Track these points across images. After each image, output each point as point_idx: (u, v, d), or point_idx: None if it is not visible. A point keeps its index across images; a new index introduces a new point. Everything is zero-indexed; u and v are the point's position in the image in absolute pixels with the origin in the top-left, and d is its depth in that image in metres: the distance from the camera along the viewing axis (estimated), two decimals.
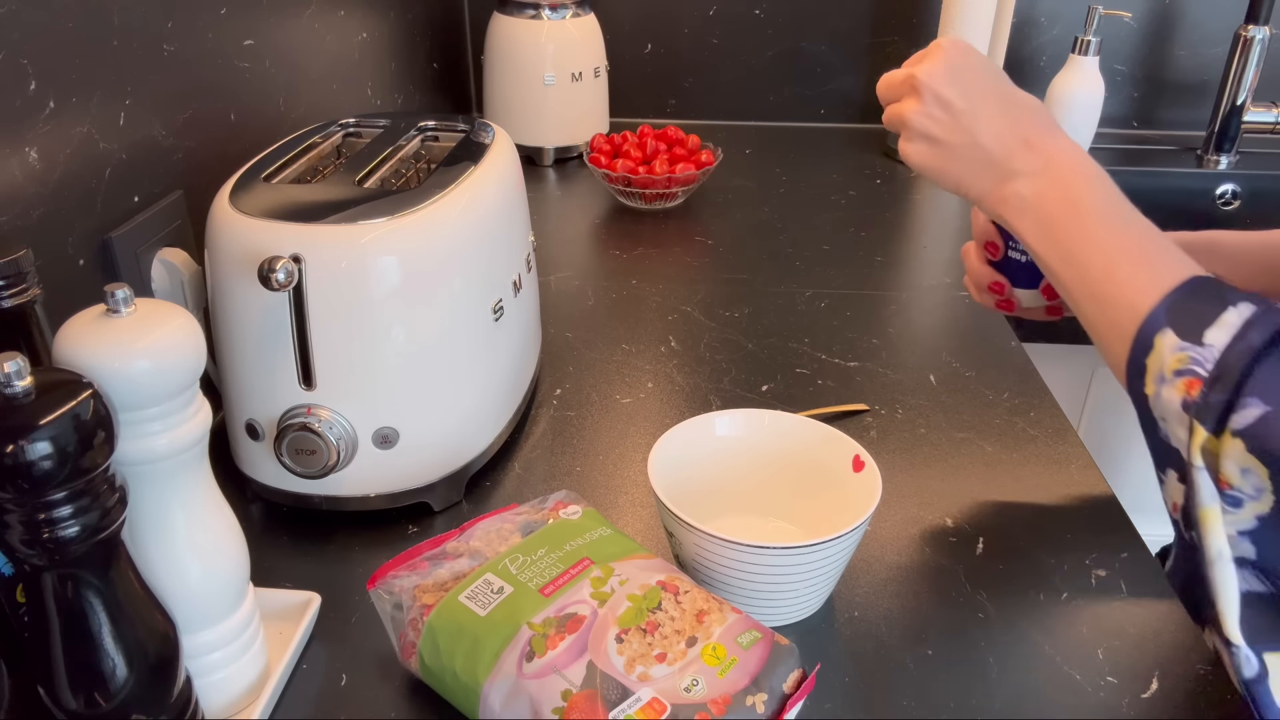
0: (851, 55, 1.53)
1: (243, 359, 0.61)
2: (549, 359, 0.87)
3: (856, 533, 0.54)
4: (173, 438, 0.44)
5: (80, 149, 0.62)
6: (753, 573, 0.54)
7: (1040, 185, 0.59)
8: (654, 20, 1.52)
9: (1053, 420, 0.77)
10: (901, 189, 1.31)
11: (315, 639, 0.57)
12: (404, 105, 1.25)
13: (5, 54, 0.55)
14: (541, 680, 0.46)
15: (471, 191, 0.65)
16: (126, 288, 0.42)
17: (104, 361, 0.41)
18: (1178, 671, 0.55)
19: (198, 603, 0.48)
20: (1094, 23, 1.33)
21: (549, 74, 1.32)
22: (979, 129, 0.60)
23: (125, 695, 0.42)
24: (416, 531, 0.65)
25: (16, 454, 0.35)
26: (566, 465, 0.73)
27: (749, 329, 0.92)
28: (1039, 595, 0.60)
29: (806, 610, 0.58)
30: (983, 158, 0.60)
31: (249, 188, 0.63)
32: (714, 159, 1.21)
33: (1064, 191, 0.58)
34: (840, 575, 0.59)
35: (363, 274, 0.59)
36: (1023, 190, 0.59)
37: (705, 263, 1.07)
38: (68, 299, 0.58)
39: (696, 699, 0.45)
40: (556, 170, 1.37)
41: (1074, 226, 0.57)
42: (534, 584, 0.50)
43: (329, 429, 0.60)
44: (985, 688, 0.54)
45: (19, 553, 0.38)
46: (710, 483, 0.63)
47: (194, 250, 0.73)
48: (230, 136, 0.81)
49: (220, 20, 0.79)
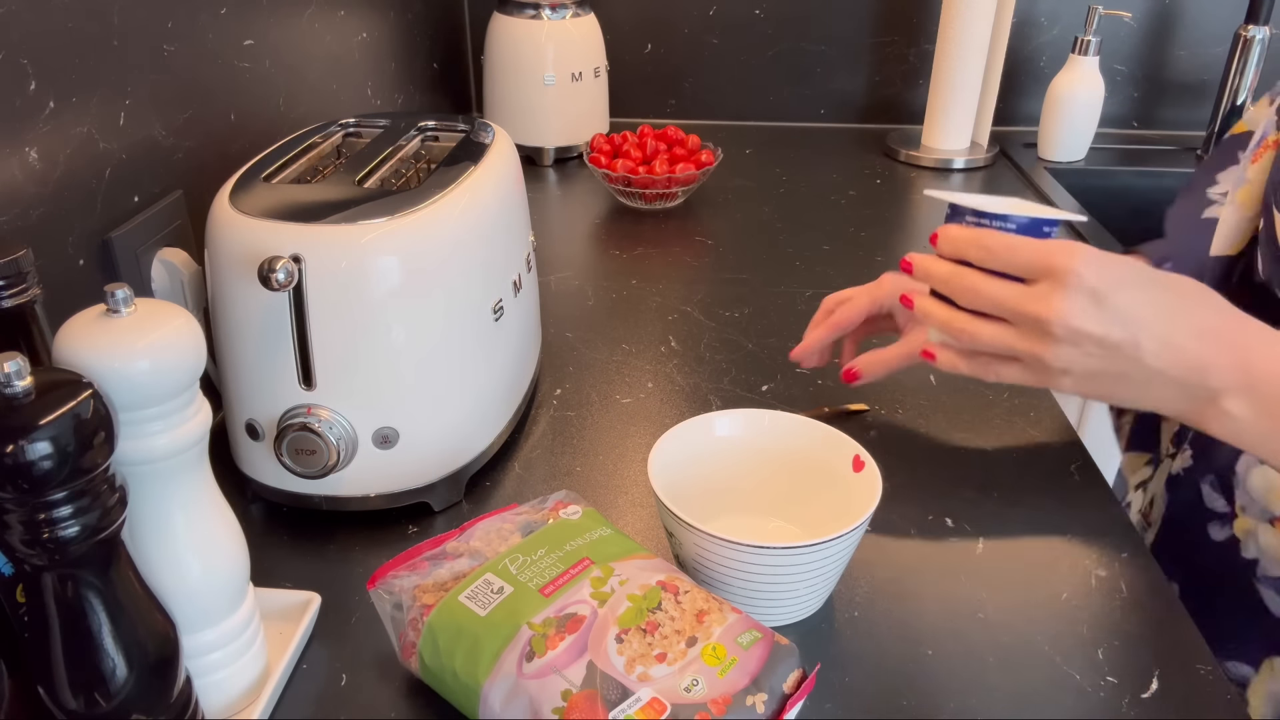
0: (851, 55, 1.53)
1: (243, 359, 0.61)
2: (549, 359, 0.87)
3: (856, 533, 0.54)
4: (173, 438, 0.44)
5: (80, 149, 0.62)
6: (752, 573, 0.54)
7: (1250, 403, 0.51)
8: (654, 20, 1.52)
9: (1053, 420, 0.77)
10: (901, 189, 1.31)
11: (315, 639, 0.57)
12: (404, 105, 1.25)
13: (5, 54, 0.55)
14: (541, 680, 0.46)
15: (471, 191, 0.65)
16: (126, 288, 0.42)
17: (104, 361, 0.41)
18: (1178, 671, 0.55)
19: (198, 603, 0.48)
20: (1094, 23, 1.33)
21: (549, 74, 1.32)
22: (1150, 355, 0.51)
23: (125, 695, 0.42)
24: (416, 531, 0.65)
25: (16, 454, 0.35)
26: (566, 465, 0.73)
27: (749, 329, 0.92)
28: (1039, 595, 0.60)
29: (806, 610, 0.58)
30: (1166, 383, 0.52)
31: (249, 188, 0.63)
32: (714, 159, 1.21)
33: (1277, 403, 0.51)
34: (840, 575, 0.59)
35: (363, 274, 0.59)
36: (1232, 410, 0.51)
37: (705, 263, 1.07)
38: (68, 299, 0.58)
39: (696, 699, 0.45)
40: (556, 170, 1.37)
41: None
42: (534, 584, 0.50)
43: (329, 429, 0.60)
44: (985, 688, 0.54)
45: (19, 553, 0.38)
46: (710, 483, 0.63)
47: (194, 250, 0.73)
48: (230, 136, 0.81)
49: (220, 20, 0.79)
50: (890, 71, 1.54)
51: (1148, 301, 0.51)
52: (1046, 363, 0.52)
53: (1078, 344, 0.51)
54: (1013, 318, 0.52)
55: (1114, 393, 0.53)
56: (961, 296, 0.54)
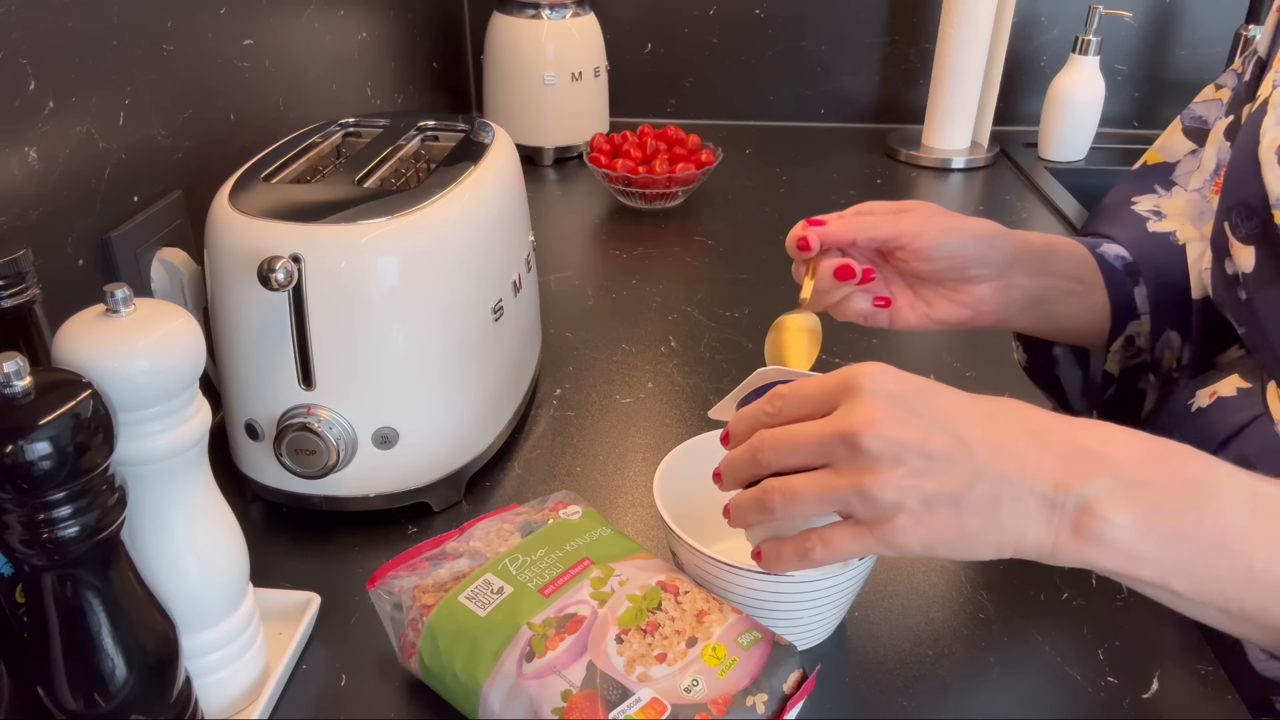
0: (851, 55, 1.53)
1: (242, 359, 0.61)
2: (549, 359, 0.87)
3: (863, 566, 0.53)
4: (172, 438, 0.44)
5: (80, 149, 0.62)
6: (751, 598, 0.52)
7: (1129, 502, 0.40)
8: (654, 20, 1.52)
9: None
10: (901, 189, 1.31)
11: (315, 639, 0.57)
12: (404, 105, 1.25)
13: (5, 54, 0.55)
14: (541, 681, 0.46)
15: (471, 191, 0.65)
16: (126, 288, 0.42)
17: (103, 361, 0.41)
18: (1178, 671, 0.55)
19: (197, 603, 0.48)
20: (1094, 22, 1.33)
21: (549, 74, 1.32)
22: (984, 459, 0.41)
23: (125, 695, 0.42)
24: (416, 531, 0.65)
25: (16, 454, 0.35)
26: (566, 465, 0.72)
27: (749, 329, 0.92)
28: (1039, 595, 0.60)
29: (814, 639, 0.56)
30: (1017, 497, 0.41)
31: (249, 187, 0.62)
32: (714, 159, 1.21)
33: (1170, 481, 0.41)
34: (849, 607, 0.57)
35: (362, 274, 0.59)
36: (1110, 515, 0.40)
37: (705, 263, 1.07)
38: (67, 299, 0.58)
39: (696, 699, 0.45)
40: (556, 170, 1.37)
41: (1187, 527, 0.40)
42: (534, 584, 0.50)
43: (329, 429, 0.60)
44: (985, 688, 0.54)
45: (18, 553, 0.38)
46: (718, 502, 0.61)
47: (194, 250, 0.73)
48: (230, 136, 0.81)
49: (220, 20, 0.79)
50: (890, 71, 1.54)
51: (958, 404, 0.43)
52: (874, 496, 0.41)
53: (899, 459, 0.41)
54: (822, 451, 0.43)
55: (963, 526, 0.41)
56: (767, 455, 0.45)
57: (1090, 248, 0.69)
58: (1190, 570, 0.40)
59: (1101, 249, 0.69)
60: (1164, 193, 0.72)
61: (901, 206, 0.64)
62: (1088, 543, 0.40)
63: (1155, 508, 0.40)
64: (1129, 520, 0.40)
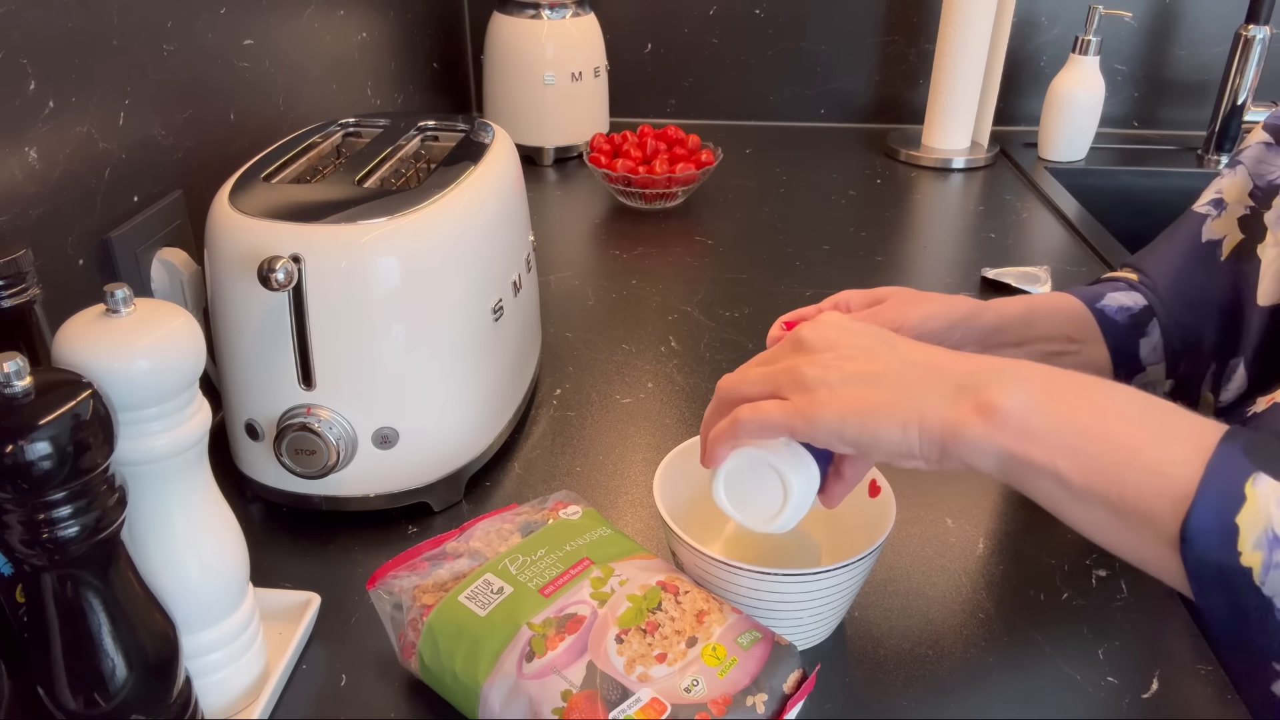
0: (851, 55, 1.53)
1: (242, 359, 0.61)
2: (549, 359, 0.87)
3: (864, 563, 0.52)
4: (172, 438, 0.44)
5: (80, 149, 0.62)
6: (751, 598, 0.52)
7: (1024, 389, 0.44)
8: (654, 20, 1.52)
9: None
10: (901, 189, 1.31)
11: (315, 639, 0.57)
12: (404, 105, 1.25)
13: (5, 54, 0.55)
14: (541, 680, 0.46)
15: (471, 191, 0.65)
16: (126, 288, 0.42)
17: (104, 361, 0.41)
18: (1178, 671, 0.55)
19: (197, 603, 0.48)
20: (1094, 23, 1.33)
21: (549, 74, 1.32)
22: (906, 351, 0.48)
23: (125, 695, 0.42)
24: (416, 531, 0.65)
25: (16, 454, 0.35)
26: (566, 465, 0.72)
27: (749, 329, 0.92)
28: (1039, 595, 0.60)
29: (814, 639, 0.56)
30: (923, 377, 0.46)
31: (249, 188, 0.62)
32: (714, 159, 1.21)
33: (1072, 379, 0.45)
34: (849, 606, 0.57)
35: (362, 274, 0.59)
36: (1003, 402, 0.43)
37: (705, 263, 1.07)
38: (67, 299, 0.58)
39: (697, 699, 0.45)
40: (556, 170, 1.37)
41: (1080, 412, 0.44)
42: (534, 584, 0.50)
43: (329, 429, 0.60)
44: (985, 688, 0.54)
45: (19, 553, 0.38)
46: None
47: (194, 250, 0.73)
48: (230, 136, 0.81)
49: (220, 20, 0.79)
50: (890, 71, 1.54)
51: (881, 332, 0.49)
52: (803, 372, 0.47)
53: (832, 345, 0.48)
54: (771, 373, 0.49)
55: (870, 398, 0.45)
56: (726, 390, 0.51)
57: (1090, 301, 0.68)
58: (1078, 453, 0.42)
59: (1102, 303, 0.68)
60: (1229, 173, 0.70)
61: (877, 296, 0.66)
62: (986, 419, 0.43)
63: (1053, 393, 0.44)
64: (1026, 398, 0.43)
